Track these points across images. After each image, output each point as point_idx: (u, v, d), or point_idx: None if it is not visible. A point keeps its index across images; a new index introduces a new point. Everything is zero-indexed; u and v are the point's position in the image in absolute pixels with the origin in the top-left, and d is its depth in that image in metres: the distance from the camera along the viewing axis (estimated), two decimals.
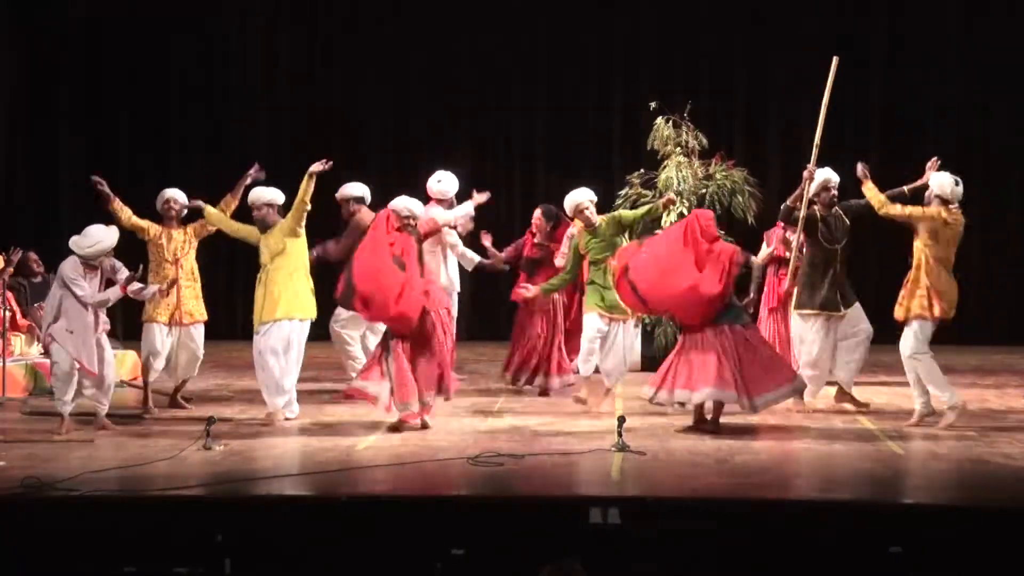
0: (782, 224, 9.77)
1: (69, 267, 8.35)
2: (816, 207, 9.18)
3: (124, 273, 8.56)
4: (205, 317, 9.48)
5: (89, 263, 8.36)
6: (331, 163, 8.92)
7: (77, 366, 8.33)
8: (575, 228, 9.54)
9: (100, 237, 8.37)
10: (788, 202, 9.16)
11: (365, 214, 9.92)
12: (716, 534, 6.23)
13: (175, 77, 15.06)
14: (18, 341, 10.47)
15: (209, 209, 9.27)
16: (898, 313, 8.64)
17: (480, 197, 10.33)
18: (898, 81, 14.38)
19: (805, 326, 9.26)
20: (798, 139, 14.32)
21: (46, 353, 10.27)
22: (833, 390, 9.52)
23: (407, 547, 6.25)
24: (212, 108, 15.00)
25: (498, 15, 14.80)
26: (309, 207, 8.85)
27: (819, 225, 9.19)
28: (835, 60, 9.14)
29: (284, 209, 9.03)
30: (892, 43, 14.46)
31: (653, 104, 11.44)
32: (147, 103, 14.86)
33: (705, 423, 8.45)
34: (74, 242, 8.39)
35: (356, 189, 10.17)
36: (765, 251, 9.63)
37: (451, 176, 10.52)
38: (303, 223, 8.93)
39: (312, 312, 8.98)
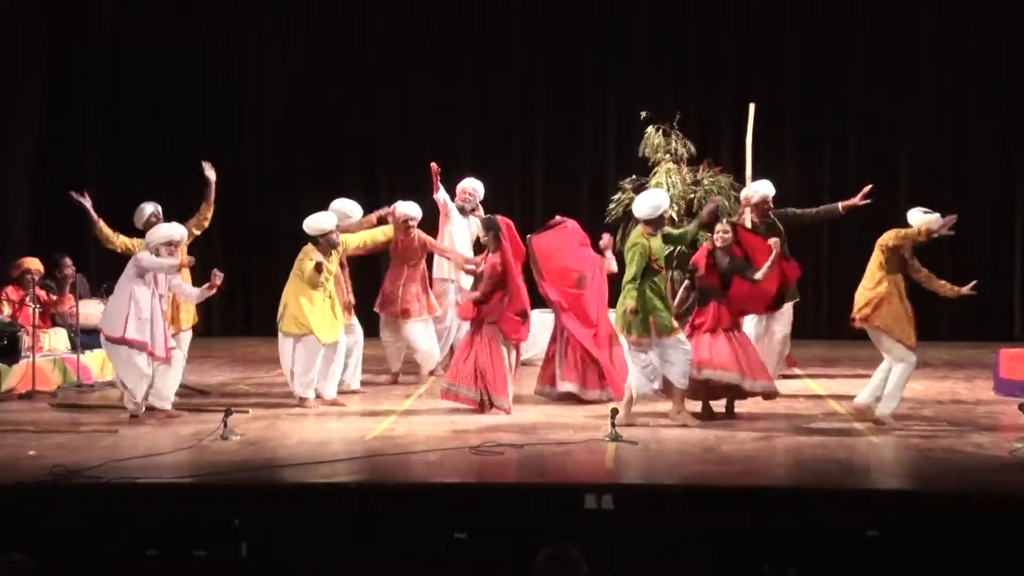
0: None
1: (145, 257, 8.55)
2: (751, 215, 9.76)
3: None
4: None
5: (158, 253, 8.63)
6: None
7: (151, 365, 8.43)
8: (640, 231, 8.30)
9: (163, 227, 8.77)
10: (700, 220, 9.14)
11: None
12: (703, 519, 6.24)
13: (193, 92, 15.03)
14: (47, 338, 10.46)
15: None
16: None
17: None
18: (875, 90, 14.42)
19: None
20: (780, 147, 14.42)
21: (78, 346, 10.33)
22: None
23: (414, 531, 6.26)
24: (230, 125, 14.92)
25: (498, 32, 14.80)
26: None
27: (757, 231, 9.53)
28: (751, 107, 10.04)
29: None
30: (869, 60, 14.47)
31: (644, 114, 11.46)
32: (166, 119, 14.81)
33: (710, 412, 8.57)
34: (148, 235, 8.79)
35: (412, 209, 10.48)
36: None
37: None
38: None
39: None
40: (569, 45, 14.68)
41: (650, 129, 11.44)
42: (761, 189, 10.03)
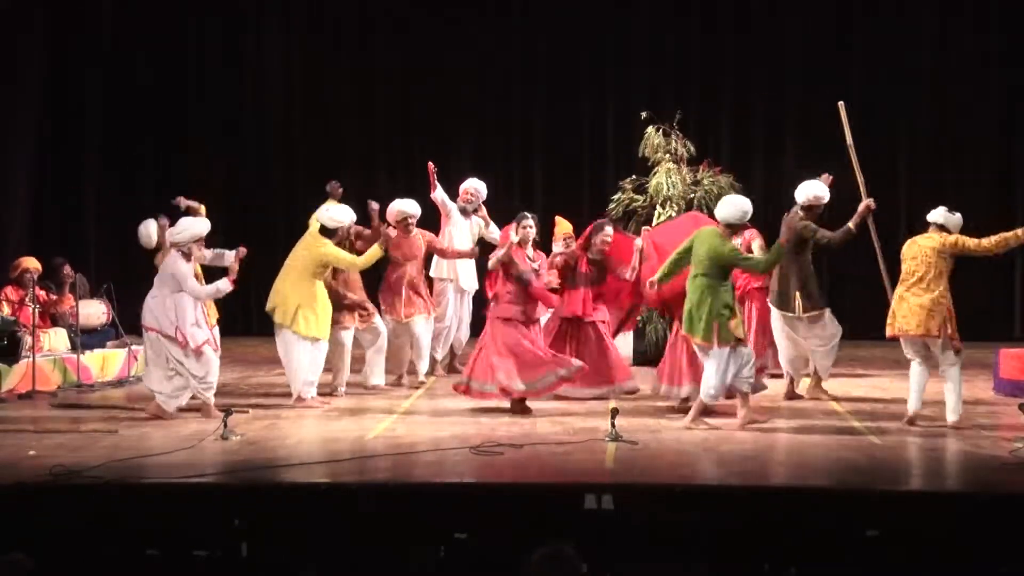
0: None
1: (173, 265, 8.56)
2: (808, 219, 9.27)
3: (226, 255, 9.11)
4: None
5: (184, 252, 8.62)
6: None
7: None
8: (720, 231, 8.18)
9: (187, 225, 8.77)
10: (852, 228, 9.21)
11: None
12: (703, 519, 6.24)
13: (193, 93, 15.03)
14: (47, 338, 10.46)
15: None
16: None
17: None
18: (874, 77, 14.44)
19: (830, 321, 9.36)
20: (780, 147, 14.44)
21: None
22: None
23: (413, 531, 6.25)
24: (230, 125, 14.92)
25: (498, 32, 14.81)
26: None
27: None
28: (841, 105, 9.43)
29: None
30: (869, 60, 14.48)
31: (644, 114, 11.46)
32: (166, 119, 14.81)
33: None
34: (169, 233, 8.84)
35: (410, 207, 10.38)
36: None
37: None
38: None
39: None
40: (569, 45, 14.69)
41: (650, 129, 11.46)
42: (812, 191, 9.42)
